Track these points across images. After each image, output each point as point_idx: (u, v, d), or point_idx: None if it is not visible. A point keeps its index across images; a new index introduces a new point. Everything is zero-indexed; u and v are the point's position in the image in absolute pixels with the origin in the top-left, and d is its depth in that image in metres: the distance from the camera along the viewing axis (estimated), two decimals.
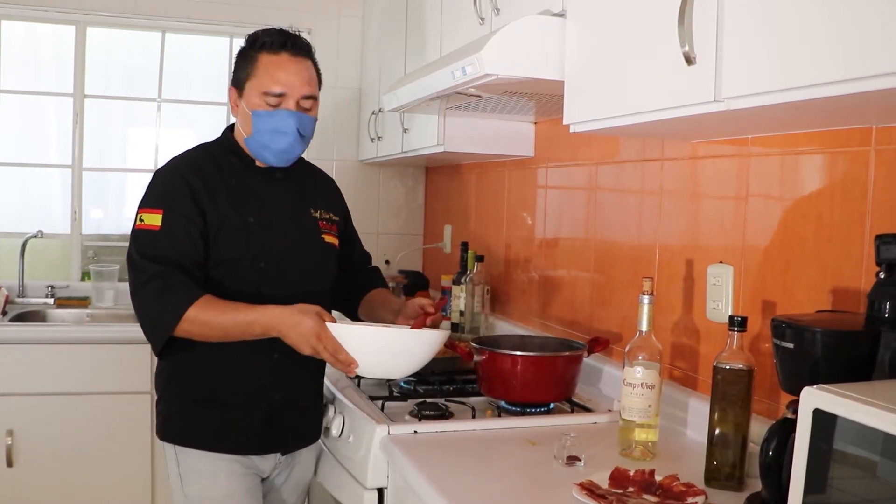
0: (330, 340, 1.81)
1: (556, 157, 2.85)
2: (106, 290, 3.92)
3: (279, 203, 2.06)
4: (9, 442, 3.30)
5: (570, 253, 2.73)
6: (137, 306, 1.92)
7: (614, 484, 1.57)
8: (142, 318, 1.92)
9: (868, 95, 1.13)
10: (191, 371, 2.00)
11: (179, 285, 1.87)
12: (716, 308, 1.96)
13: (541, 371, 2.13)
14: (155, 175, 2.03)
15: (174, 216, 1.92)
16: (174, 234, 1.90)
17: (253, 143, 2.00)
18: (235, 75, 2.02)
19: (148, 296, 1.88)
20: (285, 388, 2.04)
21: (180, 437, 2.01)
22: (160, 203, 1.94)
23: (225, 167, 2.03)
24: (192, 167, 2.00)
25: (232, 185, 2.01)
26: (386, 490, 1.91)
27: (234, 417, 2.00)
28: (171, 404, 2.05)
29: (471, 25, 2.43)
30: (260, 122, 1.96)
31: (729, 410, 1.60)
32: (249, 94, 1.97)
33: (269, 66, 1.95)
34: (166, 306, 1.85)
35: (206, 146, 2.10)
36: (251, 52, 1.98)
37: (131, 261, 1.92)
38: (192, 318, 1.83)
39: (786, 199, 1.79)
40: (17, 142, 4.05)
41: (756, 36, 1.29)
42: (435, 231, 4.19)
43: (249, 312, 1.85)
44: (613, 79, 1.70)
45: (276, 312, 1.84)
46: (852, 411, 1.03)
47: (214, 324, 1.85)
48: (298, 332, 1.81)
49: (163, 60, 4.14)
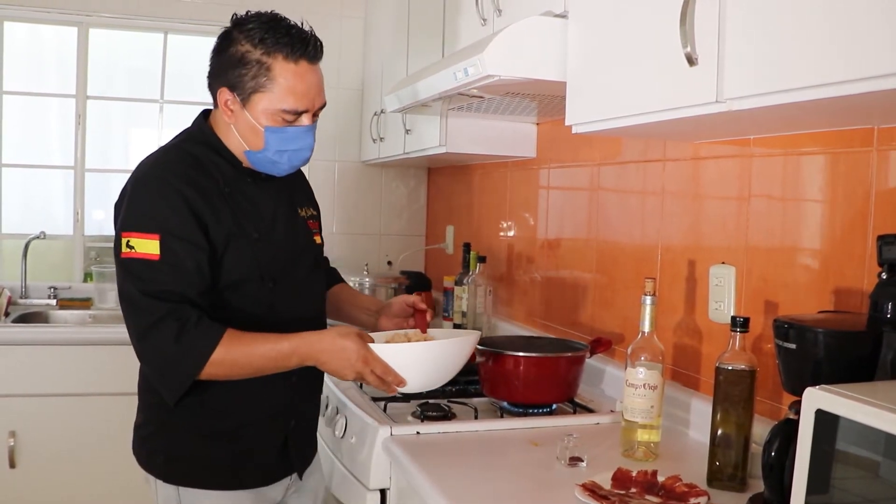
0: (378, 363, 1.69)
1: (558, 158, 2.85)
2: (108, 291, 3.92)
3: (273, 209, 1.86)
4: (11, 443, 3.31)
5: (572, 254, 2.73)
6: (147, 353, 1.66)
7: (617, 485, 1.57)
8: (155, 367, 1.67)
9: (869, 96, 1.13)
10: (200, 404, 1.74)
11: (197, 324, 1.62)
12: (718, 308, 1.96)
13: (543, 372, 2.13)
14: (136, 188, 1.71)
15: (174, 241, 1.65)
16: (177, 264, 1.65)
17: (259, 157, 1.77)
18: (233, 77, 1.72)
19: (161, 341, 1.61)
20: (300, 412, 1.91)
21: (189, 477, 1.77)
22: (155, 226, 1.65)
23: (214, 173, 1.76)
24: (182, 176, 1.70)
25: (227, 194, 1.76)
26: (388, 491, 1.91)
27: (251, 449, 1.82)
28: (175, 441, 1.79)
29: (473, 26, 2.43)
30: (275, 141, 1.74)
31: (731, 411, 1.60)
32: (261, 106, 1.72)
33: (289, 77, 1.70)
34: (187, 351, 1.61)
35: (181, 146, 1.79)
36: (261, 57, 1.70)
37: (129, 300, 1.65)
38: (220, 361, 1.62)
39: (788, 200, 1.79)
40: (19, 143, 4.06)
41: (758, 37, 1.29)
42: (437, 232, 4.19)
43: (282, 343, 1.66)
44: (615, 79, 1.70)
45: (313, 340, 1.69)
46: (855, 412, 1.03)
47: (245, 362, 1.66)
48: (343, 358, 1.68)
49: (165, 61, 4.15)
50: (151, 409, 1.83)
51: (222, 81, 1.74)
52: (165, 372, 1.66)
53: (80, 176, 4.05)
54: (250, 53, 1.70)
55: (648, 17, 1.57)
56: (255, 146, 1.76)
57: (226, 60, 1.73)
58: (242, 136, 1.77)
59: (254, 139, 1.76)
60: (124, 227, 1.67)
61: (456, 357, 1.83)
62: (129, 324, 1.67)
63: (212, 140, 1.81)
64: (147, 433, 1.84)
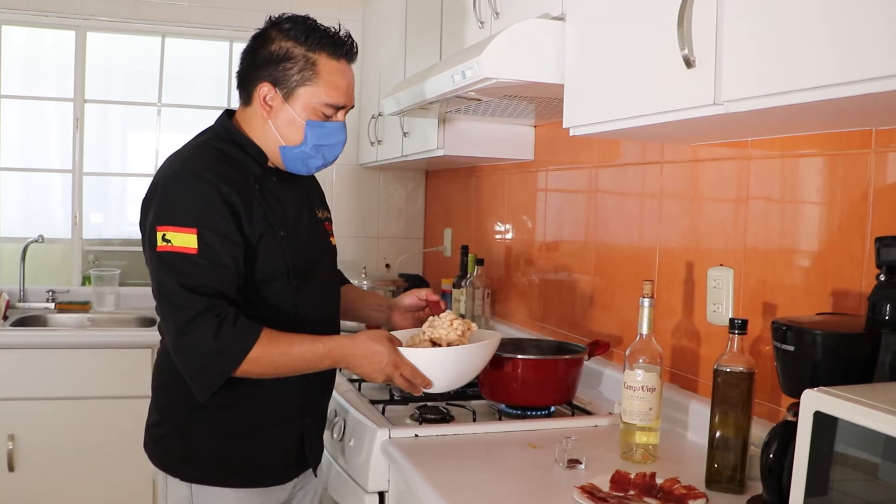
0: (407, 366, 1.74)
1: (555, 161, 2.85)
2: (107, 294, 3.92)
3: (296, 209, 1.89)
4: (10, 446, 3.30)
5: (570, 256, 2.73)
6: (184, 349, 1.65)
7: (615, 487, 1.57)
8: (191, 362, 1.66)
9: (867, 98, 1.13)
10: (222, 402, 1.74)
11: (235, 321, 1.63)
12: (716, 311, 1.96)
13: (541, 374, 2.13)
14: (171, 183, 1.72)
15: (212, 236, 1.66)
16: (215, 260, 1.65)
17: (294, 153, 1.81)
18: (276, 72, 1.77)
19: (200, 337, 1.62)
20: (315, 411, 1.95)
21: (205, 475, 1.79)
22: (191, 220, 1.66)
23: (243, 169, 1.79)
24: (216, 172, 1.71)
25: (256, 191, 1.78)
26: (387, 494, 1.90)
27: (269, 447, 1.84)
28: (194, 439, 1.80)
29: (470, 29, 2.43)
30: (314, 135, 1.79)
31: (730, 413, 1.60)
32: (305, 99, 1.77)
33: (333, 73, 1.78)
34: (226, 348, 1.62)
35: (208, 142, 1.82)
36: (307, 53, 1.76)
37: (167, 295, 1.66)
38: (256, 359, 1.64)
39: (786, 202, 1.79)
40: (18, 147, 4.06)
41: (755, 39, 1.29)
42: (435, 235, 4.20)
43: (318, 345, 1.70)
44: (613, 82, 1.70)
45: (346, 343, 1.72)
46: (853, 414, 1.03)
47: (281, 362, 1.68)
48: (375, 362, 1.72)
49: (163, 65, 4.15)
50: (169, 408, 1.85)
51: (264, 77, 1.79)
52: (201, 368, 1.66)
53: (79, 179, 4.05)
54: (295, 49, 1.76)
55: (646, 20, 1.57)
56: (294, 140, 1.80)
57: (266, 57, 1.78)
58: (280, 131, 1.80)
59: (293, 133, 1.79)
60: (159, 221, 1.68)
61: (480, 359, 1.88)
62: (167, 318, 1.68)
63: (238, 138, 1.83)
64: (163, 432, 1.85)
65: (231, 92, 4.21)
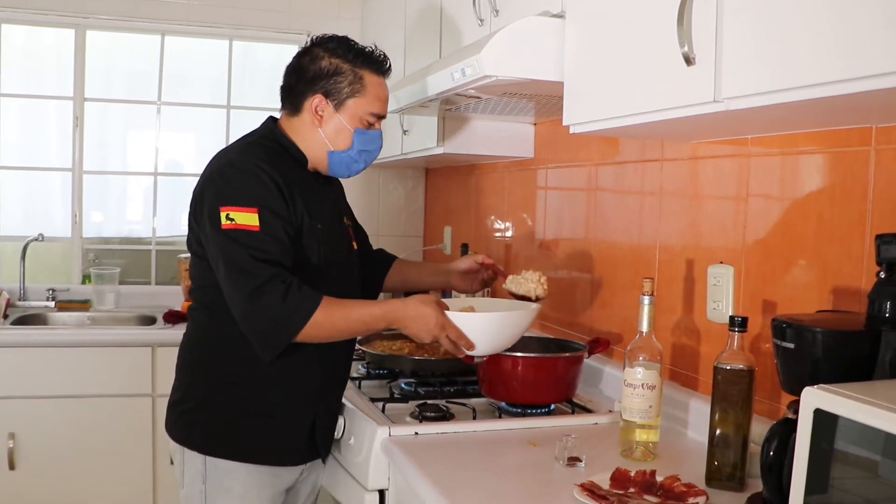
0: (453, 329, 1.89)
1: (555, 158, 2.85)
2: (107, 293, 3.92)
3: (329, 210, 2.06)
4: (10, 445, 3.30)
5: (570, 254, 2.73)
6: (256, 313, 1.79)
7: (615, 485, 1.57)
8: (261, 325, 1.80)
9: (867, 95, 1.13)
10: (244, 381, 1.93)
11: (300, 287, 1.79)
12: (716, 308, 1.96)
13: (541, 372, 2.13)
14: (230, 168, 1.89)
15: (270, 216, 1.83)
16: (276, 236, 1.82)
17: (341, 157, 2.00)
18: (329, 85, 1.95)
19: (270, 301, 1.76)
20: (330, 396, 2.06)
21: (222, 449, 1.93)
22: (253, 201, 1.82)
23: (290, 166, 1.96)
24: (269, 163, 1.88)
25: (299, 186, 1.93)
26: (387, 491, 1.90)
27: (285, 428, 1.97)
28: (214, 415, 1.95)
29: (470, 27, 2.43)
30: (360, 141, 1.99)
31: (730, 411, 1.60)
32: (354, 109, 1.96)
33: (376, 87, 1.98)
34: (293, 311, 1.77)
35: (258, 143, 1.98)
36: (354, 68, 1.96)
37: (239, 264, 1.80)
38: (321, 322, 1.79)
39: (786, 199, 1.79)
40: (17, 145, 4.06)
41: (755, 36, 1.29)
42: (435, 233, 4.19)
43: (373, 308, 1.88)
44: (613, 79, 1.70)
45: (399, 305, 1.88)
46: (853, 411, 1.03)
47: (343, 325, 1.84)
48: (424, 323, 1.86)
49: (162, 63, 4.14)
50: (191, 385, 2.00)
51: (316, 89, 1.97)
52: (271, 330, 1.80)
53: (78, 178, 4.05)
54: (344, 65, 1.96)
55: (646, 17, 1.57)
56: (342, 146, 1.99)
57: (317, 72, 1.97)
58: (329, 138, 1.99)
59: (342, 139, 1.99)
60: (222, 202, 1.83)
61: (518, 327, 2.01)
62: (238, 285, 1.80)
63: (283, 141, 2.00)
64: (185, 408, 1.99)
65: (231, 91, 4.20)
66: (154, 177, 4.15)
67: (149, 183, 4.18)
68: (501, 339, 2.00)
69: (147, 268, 4.17)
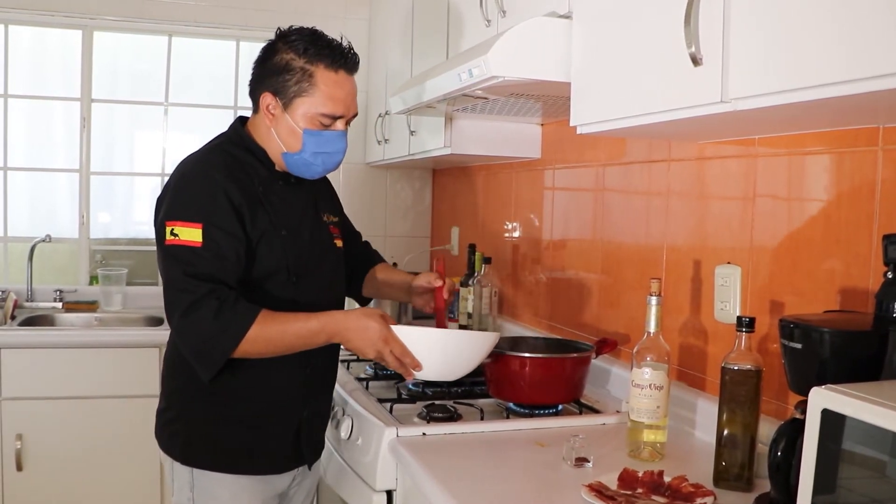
0: (397, 343, 1.81)
1: (562, 159, 2.85)
2: (114, 293, 3.93)
3: (300, 211, 1.98)
4: (18, 446, 3.32)
5: (577, 254, 2.73)
6: (188, 329, 1.74)
7: (623, 485, 1.57)
8: (194, 342, 1.75)
9: (874, 95, 1.13)
10: (223, 389, 1.85)
11: (235, 303, 1.73)
12: (724, 309, 1.95)
13: (549, 373, 2.13)
14: (182, 181, 1.84)
15: (216, 231, 1.76)
16: (218, 252, 1.76)
17: (295, 159, 1.90)
18: (277, 83, 1.86)
19: (201, 318, 1.71)
20: (314, 402, 2.02)
21: (204, 459, 1.88)
22: (198, 216, 1.76)
23: (251, 173, 1.89)
24: (224, 173, 1.82)
25: (260, 193, 1.88)
26: (395, 492, 1.91)
27: (267, 435, 1.92)
28: (195, 424, 1.91)
29: (477, 27, 2.43)
30: (312, 143, 1.87)
31: (737, 411, 1.60)
32: (302, 110, 1.86)
33: (329, 84, 1.86)
34: (226, 328, 1.72)
35: (222, 146, 1.92)
36: (305, 65, 1.85)
37: (173, 280, 1.75)
38: (255, 338, 1.72)
39: (793, 200, 1.78)
40: (25, 146, 4.07)
41: (762, 36, 1.29)
42: (442, 233, 4.20)
43: (312, 321, 1.79)
44: (620, 80, 1.70)
45: (339, 318, 1.81)
46: (861, 411, 1.03)
47: (277, 340, 1.77)
48: (365, 337, 1.79)
49: (169, 64, 4.16)
50: (174, 394, 1.96)
51: (266, 87, 1.89)
52: (203, 348, 1.75)
53: (86, 179, 4.07)
54: (294, 61, 1.86)
55: (653, 18, 1.57)
56: (293, 148, 1.89)
57: (270, 68, 1.88)
58: (281, 139, 1.90)
59: (292, 141, 1.89)
60: (168, 217, 1.78)
61: (472, 351, 1.92)
62: (172, 302, 1.76)
63: (249, 143, 1.93)
64: (168, 417, 1.96)
65: (238, 91, 4.21)
66: (161, 178, 4.16)
67: (156, 184, 4.19)
68: (451, 360, 1.90)
69: (154, 269, 4.13)
